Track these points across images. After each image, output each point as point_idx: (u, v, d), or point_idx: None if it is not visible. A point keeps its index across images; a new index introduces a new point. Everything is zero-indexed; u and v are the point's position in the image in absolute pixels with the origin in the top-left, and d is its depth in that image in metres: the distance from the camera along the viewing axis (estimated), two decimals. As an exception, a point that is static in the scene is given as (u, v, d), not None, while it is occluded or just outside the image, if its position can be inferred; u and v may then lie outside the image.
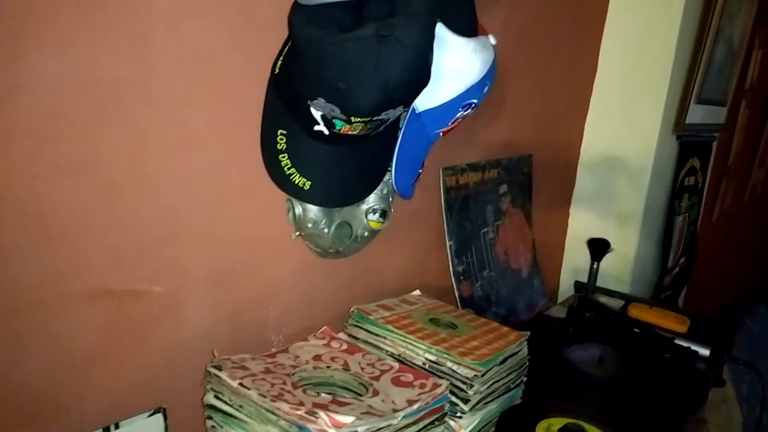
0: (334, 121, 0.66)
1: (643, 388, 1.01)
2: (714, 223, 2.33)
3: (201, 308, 0.74)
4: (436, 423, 0.71)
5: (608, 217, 1.47)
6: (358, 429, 0.59)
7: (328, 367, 0.75)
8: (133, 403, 0.68)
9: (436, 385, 0.72)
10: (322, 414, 0.59)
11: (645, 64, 1.37)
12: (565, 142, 1.44)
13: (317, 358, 0.77)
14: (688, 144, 1.55)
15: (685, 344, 1.14)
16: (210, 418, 0.69)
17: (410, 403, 0.67)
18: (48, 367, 0.61)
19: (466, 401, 0.76)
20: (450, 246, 1.07)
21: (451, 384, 0.75)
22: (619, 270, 1.50)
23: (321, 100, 0.64)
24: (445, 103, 0.77)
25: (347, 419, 0.59)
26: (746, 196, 2.85)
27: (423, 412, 0.69)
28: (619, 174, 1.44)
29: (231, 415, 0.67)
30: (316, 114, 0.66)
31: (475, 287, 1.12)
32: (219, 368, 0.68)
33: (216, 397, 0.68)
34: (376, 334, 0.83)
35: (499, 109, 1.17)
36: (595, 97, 1.43)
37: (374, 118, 0.66)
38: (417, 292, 1.00)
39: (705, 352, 1.16)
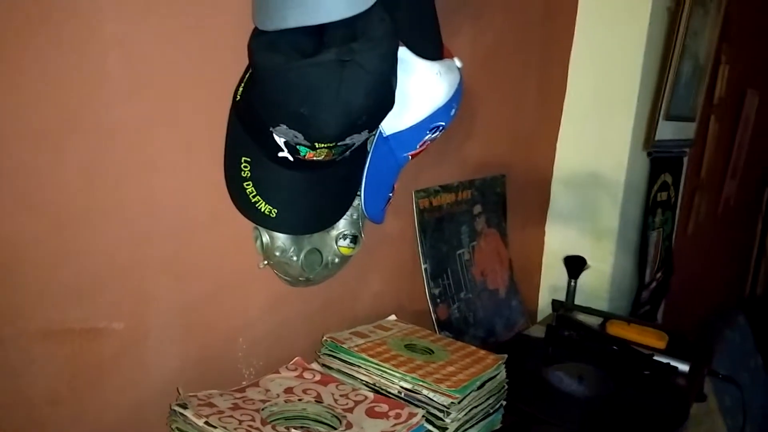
0: (297, 147, 0.65)
1: (623, 406, 1.00)
2: (690, 237, 2.35)
3: (165, 344, 0.71)
4: (413, 454, 0.69)
5: (584, 235, 1.47)
6: (330, 466, 0.57)
7: (300, 399, 0.73)
8: (95, 446, 0.65)
9: (411, 415, 0.70)
10: (291, 452, 0.56)
11: (613, 82, 1.38)
12: (538, 160, 1.44)
13: (289, 390, 0.74)
14: (659, 160, 1.56)
15: (664, 360, 1.13)
16: (177, 458, 0.66)
17: (384, 434, 0.65)
18: (6, 409, 0.58)
19: (443, 430, 0.74)
20: (425, 269, 1.06)
21: (428, 412, 0.73)
22: (596, 287, 1.49)
23: (283, 127, 0.62)
24: (412, 127, 0.76)
25: (317, 456, 0.57)
26: (720, 209, 2.89)
27: (398, 444, 0.67)
28: (592, 191, 1.44)
29: (198, 456, 0.64)
30: (279, 141, 0.65)
31: (452, 309, 1.11)
32: (184, 406, 0.65)
33: (182, 437, 0.65)
34: (350, 363, 0.81)
35: (471, 129, 1.17)
36: (565, 115, 1.44)
37: (339, 144, 0.65)
38: (393, 317, 0.98)
39: (684, 367, 1.15)
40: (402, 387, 0.76)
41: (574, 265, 1.42)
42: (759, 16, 2.79)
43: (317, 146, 0.64)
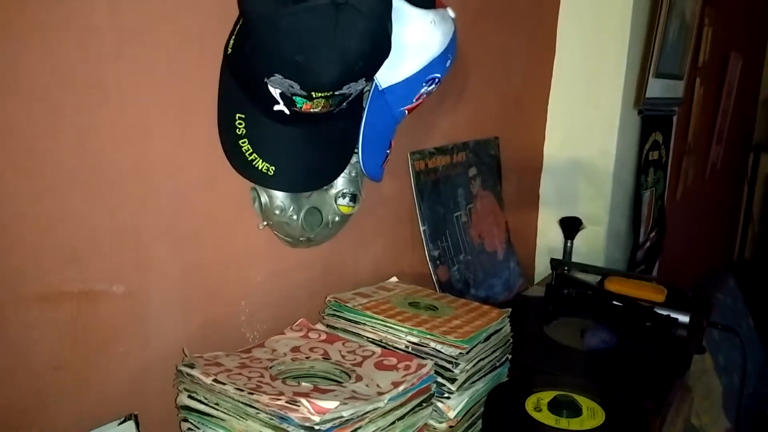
0: (294, 98, 0.63)
1: (626, 357, 1.01)
2: (679, 201, 2.37)
3: (168, 307, 0.70)
4: (424, 404, 0.69)
5: (578, 196, 1.47)
6: (343, 413, 0.57)
7: (307, 358, 0.72)
8: (102, 411, 0.64)
9: (420, 366, 0.70)
10: (303, 401, 0.56)
11: (602, 41, 1.38)
12: (530, 122, 1.43)
13: (295, 350, 0.74)
14: (650, 118, 1.56)
15: (664, 313, 1.14)
16: (185, 420, 0.66)
17: (395, 385, 0.65)
18: (7, 376, 0.57)
19: (452, 381, 0.73)
20: (424, 231, 1.05)
21: (436, 365, 0.73)
22: (592, 247, 1.50)
23: (278, 77, 0.61)
24: (408, 78, 0.75)
25: (331, 404, 0.56)
26: (707, 173, 2.90)
27: (409, 394, 0.66)
28: (585, 151, 1.44)
29: (208, 414, 0.63)
30: (275, 92, 0.63)
31: (452, 271, 1.10)
32: (191, 366, 0.64)
33: (190, 397, 0.64)
34: (355, 322, 0.80)
35: (463, 91, 1.15)
36: (555, 76, 1.43)
37: (336, 93, 0.63)
38: (394, 279, 0.98)
39: (685, 318, 1.16)
40: (409, 341, 0.76)
41: (570, 225, 1.42)
42: (740, -22, 2.79)
43: (314, 96, 0.62)
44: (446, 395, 0.74)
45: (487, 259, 1.22)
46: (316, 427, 0.55)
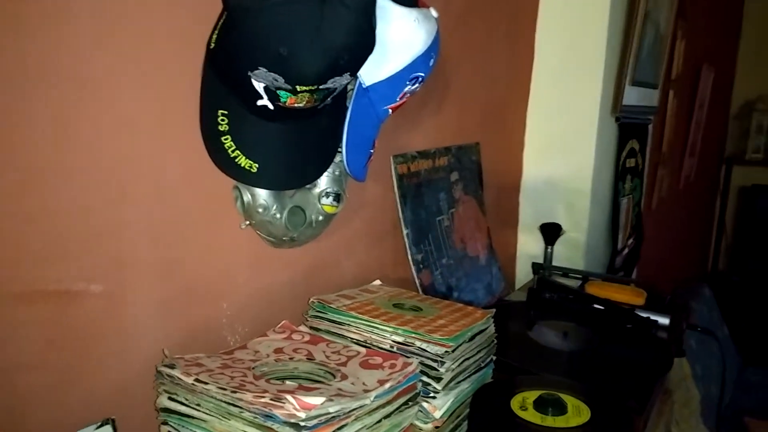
0: (278, 92, 0.63)
1: (609, 358, 1.01)
2: (654, 211, 2.40)
3: (147, 308, 0.68)
4: (410, 403, 0.68)
5: (558, 202, 1.49)
6: (330, 410, 0.55)
7: (290, 359, 0.71)
8: (78, 415, 0.62)
9: (406, 364, 0.69)
10: (289, 398, 0.54)
11: (580, 48, 1.40)
12: (510, 128, 1.45)
13: (278, 351, 0.72)
14: (627, 126, 1.59)
15: (644, 315, 1.15)
16: (165, 423, 0.64)
17: (381, 383, 0.64)
18: (-22, 378, 0.55)
19: (438, 380, 0.73)
20: (407, 234, 1.05)
21: (422, 364, 0.72)
22: (571, 254, 1.51)
23: (262, 70, 0.60)
24: (391, 77, 0.75)
25: (317, 400, 0.55)
26: (681, 184, 2.96)
27: (395, 392, 0.65)
28: (564, 157, 1.45)
29: (188, 416, 0.61)
30: (258, 86, 0.63)
31: (435, 275, 1.10)
32: (171, 367, 0.62)
33: (170, 398, 0.63)
34: (339, 323, 0.79)
35: (444, 96, 1.16)
36: (534, 82, 1.45)
37: (320, 87, 0.63)
38: (377, 282, 0.97)
39: (665, 320, 1.17)
40: (394, 341, 0.75)
41: (550, 231, 1.43)
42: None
43: (298, 90, 0.62)
44: (432, 395, 0.73)
45: (469, 263, 1.22)
46: (302, 424, 0.54)
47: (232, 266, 0.78)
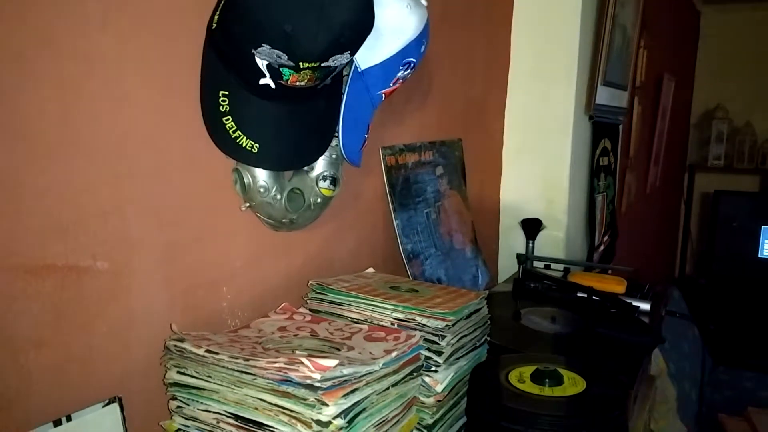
0: (281, 70, 0.64)
1: (596, 340, 1.04)
2: (624, 215, 2.47)
3: (151, 289, 0.68)
4: (414, 374, 0.69)
5: (537, 198, 1.53)
6: (344, 371, 0.57)
7: (295, 336, 0.71)
8: (85, 393, 0.62)
9: (410, 336, 0.70)
10: (304, 360, 0.55)
11: (553, 50, 1.45)
12: (489, 126, 1.48)
13: (282, 329, 0.73)
14: (600, 125, 1.65)
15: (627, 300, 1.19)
16: (174, 398, 0.64)
17: (388, 352, 0.65)
18: (-13, 349, 0.54)
19: (439, 353, 0.74)
20: (397, 225, 1.07)
21: (423, 339, 0.74)
22: (551, 250, 1.54)
23: (266, 48, 0.62)
24: (385, 61, 0.78)
25: (331, 363, 0.56)
26: (648, 190, 3.05)
27: (401, 361, 0.67)
28: (542, 154, 1.50)
29: (199, 389, 0.62)
30: (262, 64, 0.64)
31: (424, 266, 1.12)
32: (181, 340, 0.63)
33: (180, 372, 0.63)
34: (339, 303, 0.80)
35: (428, 92, 1.19)
36: (511, 82, 1.50)
37: (322, 65, 0.65)
38: (371, 270, 0.98)
39: (646, 306, 1.21)
40: (395, 318, 0.77)
41: (531, 226, 1.47)
42: (671, 4, 3.00)
43: (301, 67, 0.64)
44: (434, 368, 0.74)
45: (456, 255, 1.24)
46: (317, 385, 0.55)
47: (232, 251, 0.78)
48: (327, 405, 0.54)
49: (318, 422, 0.55)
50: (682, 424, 2.61)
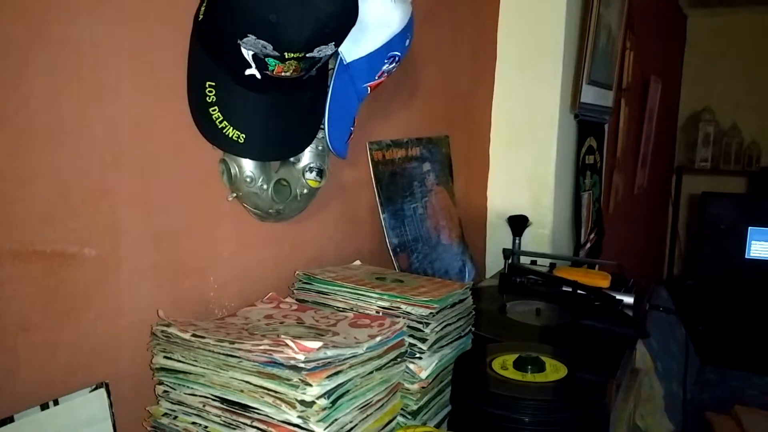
0: (266, 60, 0.66)
1: (580, 332, 1.05)
2: (612, 216, 2.50)
3: (138, 278, 0.69)
4: (398, 359, 0.71)
5: (523, 195, 1.54)
6: (327, 352, 0.58)
7: (281, 323, 0.73)
8: (72, 378, 0.63)
9: (394, 323, 0.72)
10: (288, 341, 0.57)
11: (539, 48, 1.47)
12: (476, 123, 1.50)
13: (268, 317, 0.74)
14: (585, 123, 1.67)
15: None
16: (161, 383, 0.65)
17: (372, 337, 0.66)
18: (-27, 334, 0.55)
19: (423, 340, 0.76)
20: (384, 218, 1.08)
21: (407, 327, 0.75)
22: (538, 247, 1.56)
23: (252, 38, 0.63)
24: (370, 54, 0.79)
25: (315, 344, 0.57)
26: (635, 191, 3.08)
27: (385, 346, 0.68)
28: (528, 152, 1.52)
29: (185, 373, 0.63)
30: (247, 54, 0.66)
31: (411, 260, 1.13)
32: (167, 325, 0.64)
33: (166, 357, 0.64)
34: (326, 293, 0.81)
35: (415, 89, 1.21)
36: (497, 80, 1.51)
37: (307, 55, 0.66)
38: (358, 262, 0.99)
39: (629, 300, 1.23)
40: (380, 306, 0.78)
41: (517, 223, 1.49)
42: (654, 4, 3.04)
43: (286, 57, 0.65)
44: (418, 355, 0.76)
45: (443, 250, 1.26)
46: (301, 366, 0.56)
47: (219, 241, 0.79)
48: (311, 385, 0.56)
49: (302, 402, 0.56)
50: (669, 422, 2.63)
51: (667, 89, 3.57)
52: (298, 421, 0.56)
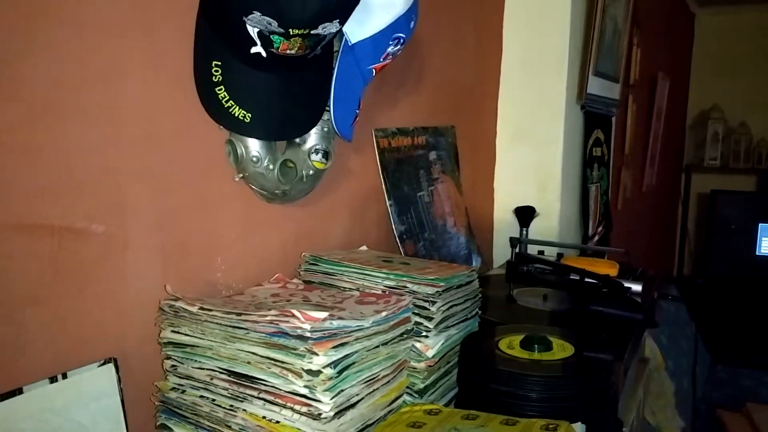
0: (271, 37, 0.66)
1: (587, 316, 1.05)
2: (620, 212, 2.48)
3: (146, 252, 0.70)
4: (404, 336, 0.71)
5: (530, 187, 1.54)
6: (333, 323, 0.58)
7: (288, 301, 0.73)
8: (81, 353, 0.63)
9: (400, 299, 0.72)
10: (294, 311, 0.57)
11: (545, 39, 1.48)
12: (482, 115, 1.50)
13: (275, 295, 0.75)
14: (592, 115, 1.67)
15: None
16: (168, 357, 0.65)
17: (378, 312, 0.67)
18: (-16, 305, 0.56)
19: (429, 319, 0.76)
20: (390, 205, 1.08)
21: (414, 305, 0.75)
22: (545, 239, 1.55)
23: (257, 14, 0.64)
24: (375, 35, 0.79)
25: (321, 314, 0.57)
26: (644, 188, 3.07)
27: (391, 322, 0.68)
28: (535, 142, 1.52)
29: (192, 346, 0.63)
30: (253, 32, 0.66)
31: (418, 247, 1.13)
32: (175, 299, 0.64)
33: (174, 331, 0.64)
34: (332, 273, 0.82)
35: (420, 78, 1.21)
36: (503, 72, 1.52)
37: (312, 32, 0.67)
38: (364, 248, 1.00)
39: (637, 287, 1.22)
40: (386, 286, 0.78)
41: (525, 214, 1.48)
42: (661, 2, 3.04)
43: (291, 33, 0.65)
44: (424, 334, 0.76)
45: (449, 239, 1.26)
46: (307, 335, 0.56)
47: (226, 222, 0.80)
48: (317, 354, 0.56)
49: (309, 372, 0.56)
50: (680, 419, 2.61)
51: (676, 87, 3.55)
52: (305, 391, 0.57)
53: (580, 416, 0.69)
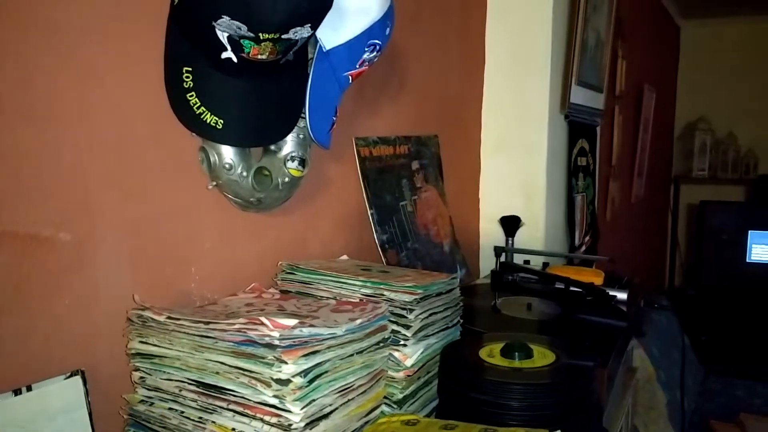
0: (242, 42, 0.66)
1: (572, 325, 1.04)
2: (609, 223, 2.48)
3: (116, 264, 0.68)
4: (381, 344, 0.69)
5: (515, 197, 1.54)
6: (303, 330, 0.57)
7: (261, 310, 0.71)
8: (47, 365, 0.61)
9: (376, 307, 0.70)
10: (263, 319, 0.56)
11: (527, 48, 1.48)
12: (466, 125, 1.50)
13: (249, 305, 0.73)
14: (576, 124, 1.67)
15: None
16: (137, 369, 0.64)
17: (352, 320, 0.65)
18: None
19: (407, 327, 0.74)
20: (372, 214, 1.07)
21: (392, 313, 0.74)
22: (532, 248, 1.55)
23: (226, 19, 0.63)
24: (350, 41, 0.79)
25: (290, 322, 0.56)
26: (632, 199, 3.07)
27: (366, 330, 0.67)
28: (519, 153, 1.51)
29: (160, 357, 0.61)
30: (222, 36, 0.65)
31: (400, 257, 1.12)
32: (143, 309, 0.63)
33: (142, 342, 0.63)
34: (309, 282, 0.80)
35: (402, 86, 1.21)
36: (487, 81, 1.52)
37: (283, 37, 0.66)
38: (345, 257, 0.98)
39: (623, 295, 1.21)
40: (363, 294, 0.77)
41: (510, 223, 1.47)
42: (645, 16, 3.07)
43: (261, 38, 0.65)
44: (402, 343, 0.74)
45: (433, 248, 1.25)
46: (276, 343, 0.55)
47: (200, 230, 0.78)
48: (286, 363, 0.54)
49: (278, 381, 0.55)
50: (673, 430, 2.59)
51: (662, 99, 3.58)
52: (274, 401, 0.55)
53: (563, 424, 0.67)
